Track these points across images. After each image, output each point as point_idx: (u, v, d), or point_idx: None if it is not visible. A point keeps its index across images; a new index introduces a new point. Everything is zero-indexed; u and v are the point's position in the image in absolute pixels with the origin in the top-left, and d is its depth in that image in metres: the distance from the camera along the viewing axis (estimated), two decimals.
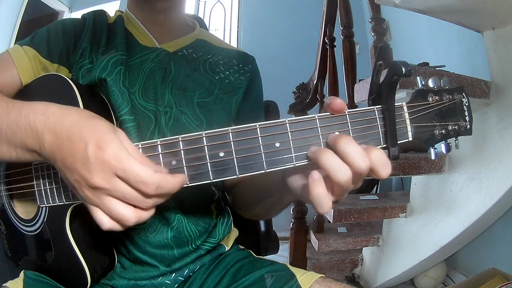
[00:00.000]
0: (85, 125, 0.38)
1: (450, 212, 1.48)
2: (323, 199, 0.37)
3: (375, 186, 2.56)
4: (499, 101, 1.29)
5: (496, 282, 1.32)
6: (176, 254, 0.63)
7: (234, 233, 0.75)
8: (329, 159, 0.36)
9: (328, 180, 0.37)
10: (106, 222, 0.38)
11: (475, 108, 1.34)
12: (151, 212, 0.40)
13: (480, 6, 1.18)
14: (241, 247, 0.74)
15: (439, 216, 1.52)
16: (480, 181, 1.36)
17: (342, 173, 0.36)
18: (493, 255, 1.58)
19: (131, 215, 0.38)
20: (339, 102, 0.39)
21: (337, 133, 0.39)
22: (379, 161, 0.37)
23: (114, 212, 0.37)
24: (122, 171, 0.36)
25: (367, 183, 2.45)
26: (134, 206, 0.38)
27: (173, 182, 0.37)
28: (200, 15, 3.65)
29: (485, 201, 1.33)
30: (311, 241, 1.89)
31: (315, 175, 0.37)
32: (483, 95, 1.29)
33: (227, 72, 0.71)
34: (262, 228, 0.93)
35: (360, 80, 1.56)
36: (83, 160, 0.36)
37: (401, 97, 1.15)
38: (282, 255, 1.80)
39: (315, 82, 2.09)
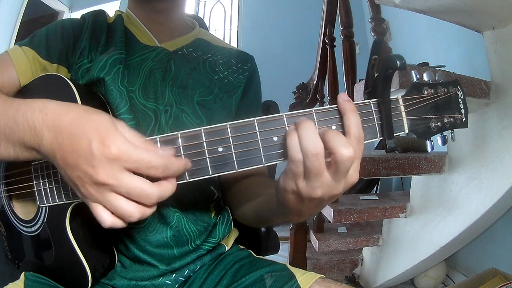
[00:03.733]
0: (85, 121, 0.38)
1: (450, 212, 1.47)
2: (295, 148, 0.37)
3: (375, 186, 2.56)
4: (499, 101, 1.29)
5: (496, 282, 1.32)
6: (176, 253, 0.63)
7: (234, 233, 0.74)
8: (291, 140, 0.37)
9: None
10: (107, 219, 0.38)
11: (475, 108, 1.34)
12: (154, 208, 0.40)
13: (480, 6, 1.18)
14: (241, 247, 0.74)
15: (439, 216, 1.52)
16: (480, 181, 1.35)
17: (295, 152, 0.37)
18: (493, 255, 1.58)
19: (135, 211, 0.38)
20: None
21: (333, 127, 0.40)
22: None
23: (118, 208, 0.37)
24: (133, 163, 0.36)
25: (367, 183, 2.45)
26: (138, 203, 0.38)
27: (177, 163, 0.38)
28: (200, 15, 3.65)
29: (485, 201, 1.32)
30: (311, 241, 1.88)
31: (291, 127, 0.38)
32: (483, 95, 1.29)
33: (226, 72, 0.72)
34: (262, 228, 0.93)
35: (360, 80, 1.56)
36: (87, 157, 0.36)
37: (401, 96, 1.14)
38: (282, 255, 1.80)
39: (315, 82, 2.09)
